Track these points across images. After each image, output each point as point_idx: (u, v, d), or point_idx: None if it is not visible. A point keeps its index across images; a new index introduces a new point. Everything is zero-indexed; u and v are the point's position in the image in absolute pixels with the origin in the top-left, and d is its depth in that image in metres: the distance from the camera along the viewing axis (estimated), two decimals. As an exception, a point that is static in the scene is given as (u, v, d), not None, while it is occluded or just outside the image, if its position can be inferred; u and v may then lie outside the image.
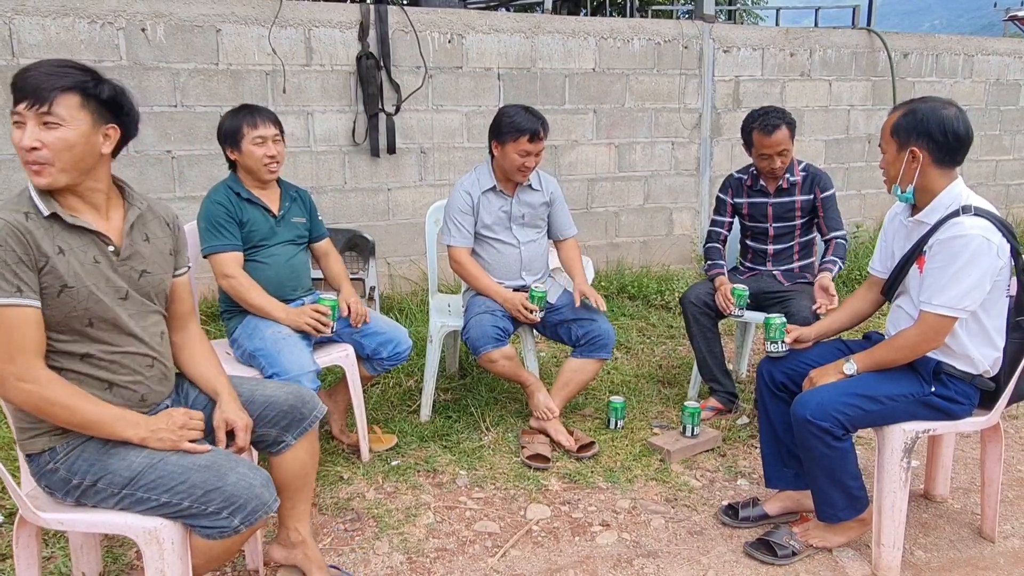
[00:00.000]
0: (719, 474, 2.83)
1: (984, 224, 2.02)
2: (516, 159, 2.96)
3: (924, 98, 2.14)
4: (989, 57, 6.29)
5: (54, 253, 1.61)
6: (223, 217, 2.55)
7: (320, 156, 4.34)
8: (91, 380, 1.70)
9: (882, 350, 2.18)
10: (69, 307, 1.64)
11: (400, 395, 3.41)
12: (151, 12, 3.85)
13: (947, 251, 2.02)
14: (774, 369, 2.42)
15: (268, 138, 2.61)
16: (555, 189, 3.21)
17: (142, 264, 1.78)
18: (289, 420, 1.97)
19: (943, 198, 2.11)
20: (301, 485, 2.07)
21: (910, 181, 2.13)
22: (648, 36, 5.03)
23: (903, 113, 2.11)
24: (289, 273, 2.70)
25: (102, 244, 1.70)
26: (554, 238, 3.27)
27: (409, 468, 2.82)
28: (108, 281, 1.70)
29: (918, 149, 2.08)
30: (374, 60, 4.29)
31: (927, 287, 2.07)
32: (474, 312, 2.95)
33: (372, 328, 2.77)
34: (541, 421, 3.00)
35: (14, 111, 1.58)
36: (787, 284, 3.25)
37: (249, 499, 1.65)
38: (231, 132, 2.59)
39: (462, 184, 3.10)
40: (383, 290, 4.55)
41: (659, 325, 4.49)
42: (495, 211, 3.08)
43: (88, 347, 1.69)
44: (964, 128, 2.08)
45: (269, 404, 1.95)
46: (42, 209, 1.62)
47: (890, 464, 2.18)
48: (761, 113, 3.11)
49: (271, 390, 1.99)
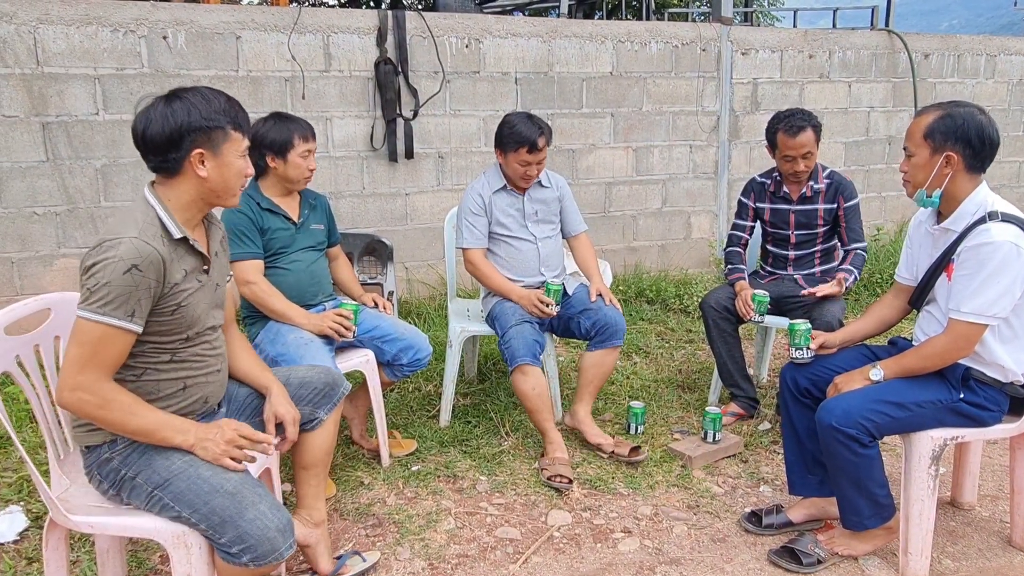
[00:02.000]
0: (741, 480, 2.81)
1: (1013, 230, 1.99)
2: (518, 168, 2.98)
3: (956, 102, 2.11)
4: (1012, 57, 6.20)
5: (181, 277, 1.70)
6: (245, 226, 2.56)
7: (339, 161, 4.36)
8: (171, 380, 1.77)
9: (910, 357, 2.16)
10: (179, 324, 1.72)
11: (419, 400, 3.41)
12: (172, 20, 3.89)
13: (975, 258, 1.99)
14: (798, 375, 2.40)
15: (312, 151, 2.66)
16: (563, 186, 3.22)
17: (217, 279, 1.87)
18: (322, 396, 2.10)
19: (968, 204, 2.09)
20: (326, 460, 2.19)
21: (939, 186, 2.10)
22: (665, 39, 5.01)
23: (939, 116, 2.06)
24: (310, 279, 2.72)
25: (202, 266, 1.79)
26: (566, 235, 3.26)
27: (429, 473, 2.82)
28: (203, 300, 1.78)
29: (955, 154, 2.05)
30: (392, 65, 4.30)
31: (955, 294, 2.04)
32: (511, 321, 2.93)
33: (393, 334, 2.77)
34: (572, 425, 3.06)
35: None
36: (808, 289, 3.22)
37: (260, 542, 1.64)
38: (280, 141, 2.60)
39: (473, 187, 3.12)
40: (401, 295, 4.56)
41: (678, 329, 4.47)
42: (508, 210, 3.09)
43: (177, 351, 1.76)
44: (997, 135, 2.07)
45: (304, 384, 2.08)
46: (173, 232, 1.70)
47: (918, 472, 2.15)
48: (787, 115, 3.09)
49: (303, 372, 2.13)
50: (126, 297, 1.59)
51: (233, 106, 1.75)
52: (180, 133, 1.67)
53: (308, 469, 2.12)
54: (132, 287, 1.59)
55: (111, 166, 3.89)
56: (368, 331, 2.75)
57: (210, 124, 1.69)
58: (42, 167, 3.78)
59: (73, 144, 3.81)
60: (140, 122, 1.68)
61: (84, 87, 3.79)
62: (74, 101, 3.78)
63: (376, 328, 2.76)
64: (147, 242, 1.61)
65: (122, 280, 1.58)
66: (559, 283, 2.97)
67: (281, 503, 1.80)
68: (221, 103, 1.72)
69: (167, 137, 1.67)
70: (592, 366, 3.01)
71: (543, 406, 2.87)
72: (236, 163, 1.76)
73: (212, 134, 1.70)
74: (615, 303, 3.01)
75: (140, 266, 1.59)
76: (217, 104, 1.71)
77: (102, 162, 3.87)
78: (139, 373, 1.72)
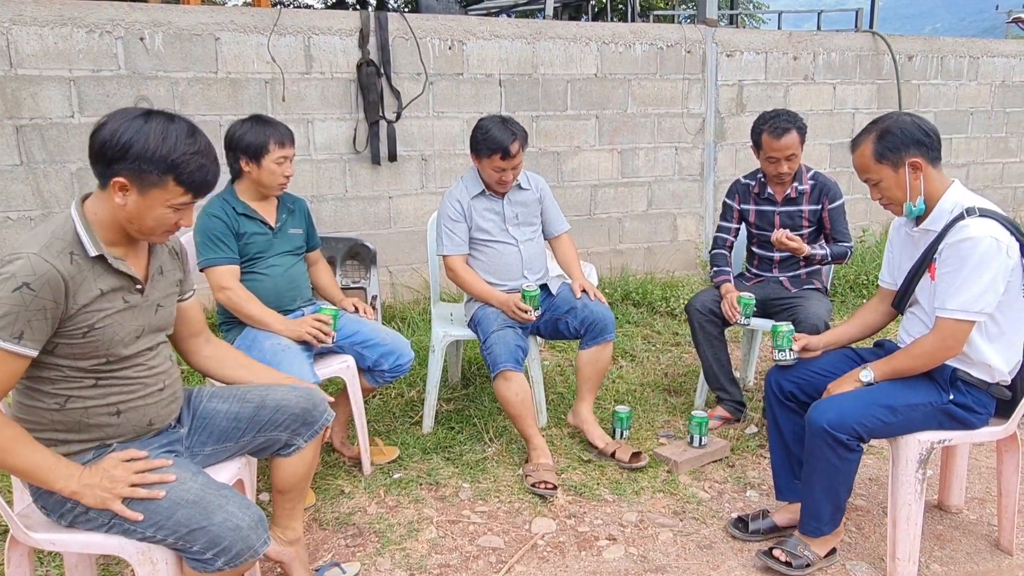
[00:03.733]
0: (728, 485, 2.77)
1: (991, 224, 1.98)
2: (492, 174, 2.94)
3: (876, 121, 2.13)
4: (995, 59, 6.23)
5: (94, 296, 1.60)
6: (220, 231, 2.51)
7: (321, 164, 4.30)
8: (101, 406, 1.67)
9: (900, 358, 2.13)
10: (91, 347, 1.62)
11: (402, 406, 3.36)
12: (149, 21, 3.83)
13: (956, 255, 1.97)
14: (782, 378, 2.37)
15: (289, 158, 2.60)
16: (543, 187, 3.19)
17: (158, 299, 1.77)
18: (300, 423, 1.97)
19: (944, 203, 2.09)
20: (304, 486, 2.09)
21: (919, 193, 2.09)
22: (650, 41, 4.99)
23: (878, 137, 2.09)
24: (288, 284, 2.66)
25: (133, 286, 1.69)
26: (548, 236, 3.22)
27: (411, 481, 2.76)
28: (130, 322, 1.68)
29: (916, 158, 2.06)
30: (374, 67, 4.26)
31: (940, 292, 2.02)
32: (493, 326, 2.89)
33: (373, 339, 2.72)
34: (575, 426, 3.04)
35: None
36: (794, 290, 3.20)
37: (235, 542, 1.58)
38: (255, 145, 2.54)
39: (451, 193, 3.07)
40: (385, 299, 4.50)
41: (664, 332, 4.43)
42: (488, 214, 3.04)
43: (101, 375, 1.66)
44: (933, 125, 2.12)
45: (280, 408, 1.95)
46: (89, 250, 1.60)
47: (905, 475, 2.12)
48: (772, 116, 3.06)
49: (282, 394, 1.98)
50: (14, 317, 1.47)
51: (192, 161, 1.58)
52: (113, 153, 1.55)
53: (284, 493, 2.04)
54: (21, 307, 1.47)
55: (87, 170, 3.77)
56: (348, 336, 2.70)
57: (142, 167, 1.55)
58: (16, 171, 3.70)
59: (48, 147, 3.74)
60: (102, 120, 1.60)
61: (59, 89, 3.71)
62: (49, 103, 3.71)
63: (356, 333, 2.71)
64: (47, 260, 1.51)
65: (10, 299, 1.47)
66: (535, 289, 2.93)
67: (251, 501, 1.74)
68: (176, 152, 1.56)
69: (98, 148, 1.56)
70: (587, 364, 2.98)
71: (526, 412, 2.83)
72: (160, 211, 1.60)
73: (143, 176, 1.56)
74: (600, 297, 2.98)
75: (32, 285, 1.48)
76: (169, 150, 1.55)
77: (77, 166, 3.80)
78: (62, 401, 1.62)
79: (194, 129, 1.62)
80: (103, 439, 1.68)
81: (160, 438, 1.78)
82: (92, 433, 1.66)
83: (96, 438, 1.67)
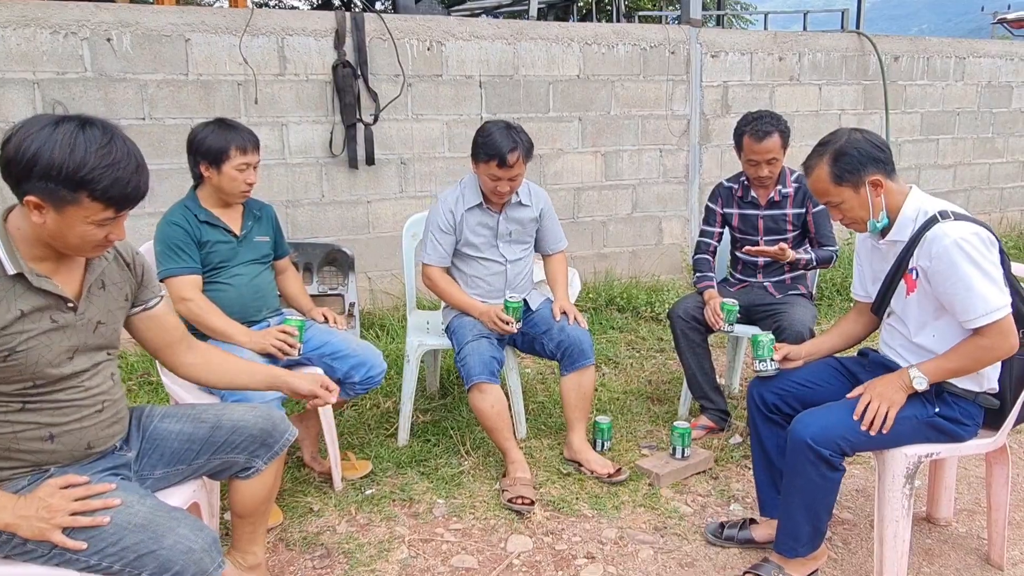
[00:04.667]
0: (711, 499, 2.69)
1: (967, 224, 1.92)
2: (487, 182, 2.79)
3: (823, 143, 2.06)
4: (981, 60, 6.20)
5: (13, 318, 1.48)
6: (180, 239, 2.41)
7: (296, 168, 4.19)
8: (31, 430, 1.56)
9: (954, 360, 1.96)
10: (14, 371, 1.50)
11: (377, 417, 3.26)
12: (117, 21, 3.71)
13: (946, 262, 1.89)
14: (765, 391, 2.29)
15: (252, 165, 2.49)
16: (545, 203, 3.06)
17: (98, 316, 1.64)
18: (259, 444, 1.87)
19: (906, 211, 2.02)
20: (264, 509, 1.99)
21: (881, 208, 2.02)
22: (633, 41, 4.91)
23: (832, 159, 2.01)
24: (253, 294, 2.56)
25: (63, 304, 1.56)
26: (542, 252, 3.13)
27: (384, 497, 2.67)
28: (61, 342, 1.56)
29: (875, 175, 1.99)
30: (351, 69, 4.16)
31: (958, 307, 1.91)
32: (468, 337, 2.79)
33: (344, 350, 2.62)
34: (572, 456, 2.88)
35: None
36: (779, 296, 3.12)
37: (187, 565, 1.48)
38: (215, 150, 2.43)
39: (445, 200, 2.94)
40: (363, 306, 4.40)
41: (649, 338, 4.35)
42: (480, 229, 2.92)
43: (29, 399, 1.54)
44: (882, 138, 2.05)
45: (237, 429, 1.84)
46: (7, 268, 1.48)
47: (891, 491, 2.04)
48: (755, 117, 2.98)
49: (239, 414, 1.87)
50: None
51: (106, 174, 1.41)
52: (18, 172, 1.40)
53: (243, 517, 1.94)
54: None
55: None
56: (317, 348, 2.60)
57: (49, 185, 1.39)
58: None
59: (11, 152, 3.62)
60: (10, 131, 1.44)
61: (22, 92, 3.60)
62: (11, 107, 3.59)
63: (326, 345, 2.61)
64: None
65: None
66: (519, 300, 2.84)
67: (204, 523, 1.64)
68: (87, 165, 1.40)
69: (4, 165, 1.43)
70: (570, 391, 2.87)
71: (502, 424, 2.74)
72: (81, 229, 1.46)
73: (54, 193, 1.41)
74: (580, 320, 2.88)
75: None
76: (77, 164, 1.39)
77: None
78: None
79: (111, 136, 1.46)
80: (37, 464, 1.58)
81: (104, 462, 1.67)
82: (24, 459, 1.56)
83: (29, 464, 1.57)
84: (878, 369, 2.16)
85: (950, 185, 6.22)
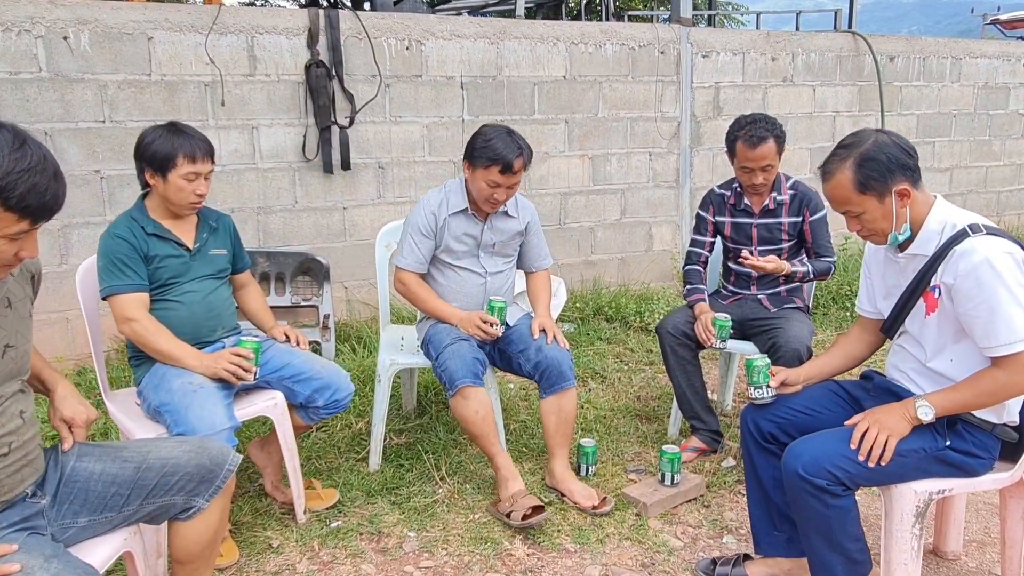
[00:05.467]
0: (703, 530, 2.51)
1: (999, 241, 1.74)
2: (484, 188, 2.62)
3: (845, 145, 1.84)
4: (977, 60, 6.05)
5: None
6: (125, 253, 2.20)
7: (267, 173, 3.99)
8: None
9: (966, 394, 1.78)
10: None
11: (348, 440, 3.06)
12: (74, 19, 3.51)
13: (974, 282, 1.70)
14: (759, 418, 2.10)
15: (202, 174, 2.28)
16: (532, 217, 2.88)
17: (5, 339, 1.45)
18: (197, 482, 1.68)
19: (931, 224, 1.83)
20: (209, 553, 1.79)
21: (905, 220, 1.83)
22: (621, 41, 4.73)
23: (857, 164, 1.79)
24: (206, 313, 2.36)
25: None
26: (525, 269, 2.94)
27: (351, 530, 2.47)
28: None
29: (903, 184, 1.79)
30: (325, 69, 3.96)
31: (979, 331, 1.73)
32: (446, 341, 2.61)
33: (306, 372, 2.42)
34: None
35: None
36: (774, 310, 2.94)
37: None
38: (162, 158, 2.22)
39: (428, 202, 2.75)
40: (339, 318, 4.21)
41: (638, 350, 4.17)
42: (462, 237, 2.74)
43: None
44: (909, 141, 1.84)
45: (168, 469, 1.64)
46: None
47: (899, 531, 1.86)
48: (748, 121, 2.79)
49: (168, 450, 1.68)
50: None
51: (20, 181, 1.28)
52: None
53: (184, 564, 1.75)
54: None
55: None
56: (277, 370, 2.40)
57: None
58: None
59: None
60: None
61: (-28, 93, 3.39)
62: (-40, 109, 3.38)
63: (286, 367, 2.41)
64: None
65: None
66: (503, 300, 2.65)
67: (89, 568, 1.42)
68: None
69: None
70: (550, 415, 2.67)
71: (488, 430, 2.55)
72: None
73: None
74: (560, 339, 2.69)
75: None
76: None
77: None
78: None
79: (23, 140, 1.30)
80: None
81: (11, 512, 1.47)
82: None
83: None
84: (884, 395, 1.98)
85: (947, 189, 6.07)
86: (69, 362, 3.67)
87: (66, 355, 3.67)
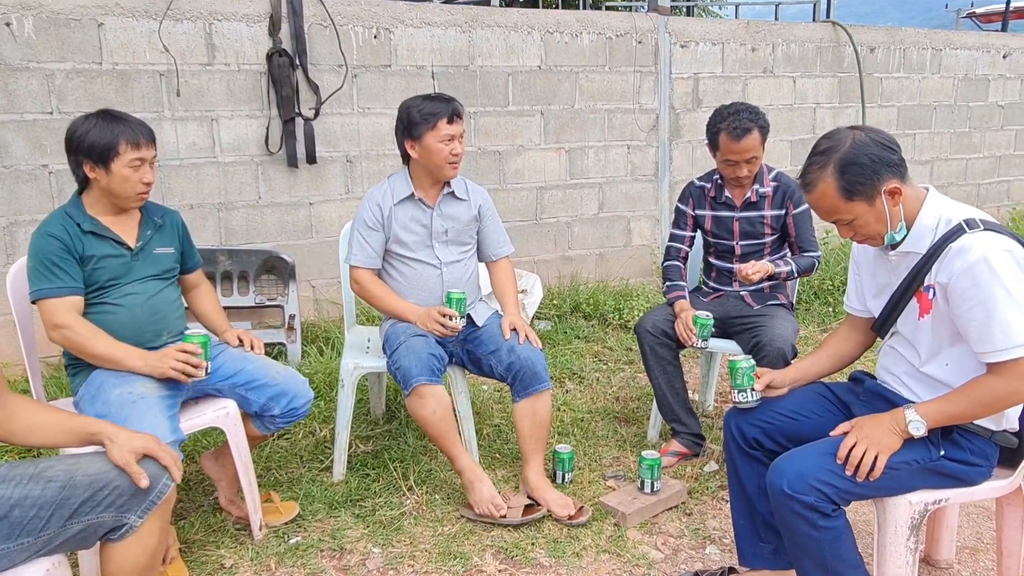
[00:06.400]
0: (684, 540, 2.38)
1: (997, 237, 1.61)
2: (441, 148, 2.49)
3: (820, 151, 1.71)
4: (957, 51, 5.99)
5: None
6: (57, 254, 2.03)
7: (228, 168, 3.81)
8: None
9: (958, 403, 1.66)
10: None
11: (311, 448, 2.90)
12: (16, 3, 3.29)
13: (970, 282, 1.58)
14: (743, 423, 1.98)
15: (147, 161, 2.10)
16: (484, 200, 2.74)
17: None
18: (128, 496, 1.54)
19: (923, 219, 1.71)
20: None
21: (899, 219, 1.71)
22: (598, 30, 4.59)
23: (837, 172, 1.66)
24: (149, 316, 2.18)
25: None
26: (485, 259, 2.80)
27: (311, 547, 2.31)
28: None
29: (891, 182, 1.67)
30: (288, 58, 3.78)
31: (973, 335, 1.61)
32: (401, 339, 2.47)
33: (260, 379, 2.26)
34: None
35: None
36: (757, 307, 2.82)
37: None
38: (102, 147, 2.04)
39: (372, 196, 2.64)
40: (306, 317, 4.03)
41: (617, 348, 4.04)
42: (412, 225, 2.61)
43: None
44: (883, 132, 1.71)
45: (97, 485, 1.51)
46: None
47: (893, 545, 1.74)
48: (731, 112, 2.66)
49: (96, 466, 1.54)
50: None
51: None
52: None
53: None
54: None
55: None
56: (229, 377, 2.24)
57: None
58: None
59: None
60: None
61: (-94, 83, 3.17)
62: None
63: (239, 373, 2.25)
64: None
65: None
66: (462, 291, 2.51)
67: None
68: None
69: None
70: (524, 419, 2.54)
71: (448, 430, 2.41)
72: None
73: None
74: (532, 338, 2.55)
75: None
76: None
77: (-68, 172, 3.26)
78: None
79: None
80: None
81: None
82: None
83: None
84: (875, 400, 1.87)
85: (927, 181, 6.00)
86: (17, 368, 3.47)
87: (13, 360, 3.46)
